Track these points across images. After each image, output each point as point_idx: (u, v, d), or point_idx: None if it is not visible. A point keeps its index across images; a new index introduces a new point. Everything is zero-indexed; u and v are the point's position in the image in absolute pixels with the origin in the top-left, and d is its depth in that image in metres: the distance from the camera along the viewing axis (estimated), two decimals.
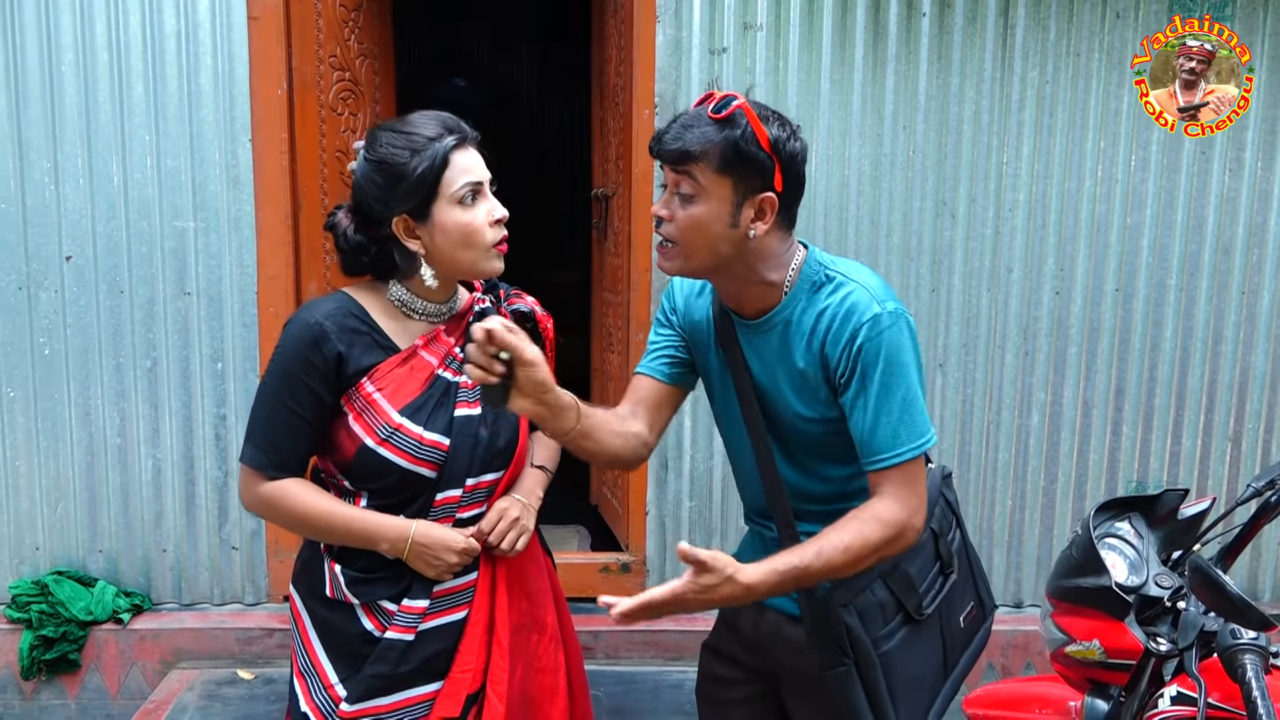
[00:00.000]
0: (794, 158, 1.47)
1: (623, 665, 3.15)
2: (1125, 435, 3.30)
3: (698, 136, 1.44)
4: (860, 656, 1.55)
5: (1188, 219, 3.22)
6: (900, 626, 1.58)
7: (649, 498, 3.26)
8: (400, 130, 1.57)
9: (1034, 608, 3.32)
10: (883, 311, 1.46)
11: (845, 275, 1.52)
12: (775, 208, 1.47)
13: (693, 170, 1.45)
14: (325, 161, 3.18)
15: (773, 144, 1.44)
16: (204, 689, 3.00)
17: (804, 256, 1.55)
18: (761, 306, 1.55)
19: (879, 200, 3.14)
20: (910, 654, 1.59)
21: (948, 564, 1.66)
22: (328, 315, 1.58)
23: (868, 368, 1.45)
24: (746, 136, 1.43)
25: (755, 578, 1.38)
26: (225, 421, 3.11)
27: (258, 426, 1.60)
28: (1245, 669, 1.38)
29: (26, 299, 3.02)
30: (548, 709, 1.76)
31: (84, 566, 3.15)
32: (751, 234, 1.47)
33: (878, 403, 1.45)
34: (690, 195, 1.46)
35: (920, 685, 1.62)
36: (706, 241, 1.47)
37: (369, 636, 1.63)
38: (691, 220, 1.46)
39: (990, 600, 1.79)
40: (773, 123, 1.45)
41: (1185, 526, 1.71)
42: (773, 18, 3.06)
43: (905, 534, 1.46)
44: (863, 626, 1.54)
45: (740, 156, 1.43)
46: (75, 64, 2.95)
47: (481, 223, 1.58)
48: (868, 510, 1.46)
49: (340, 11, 3.20)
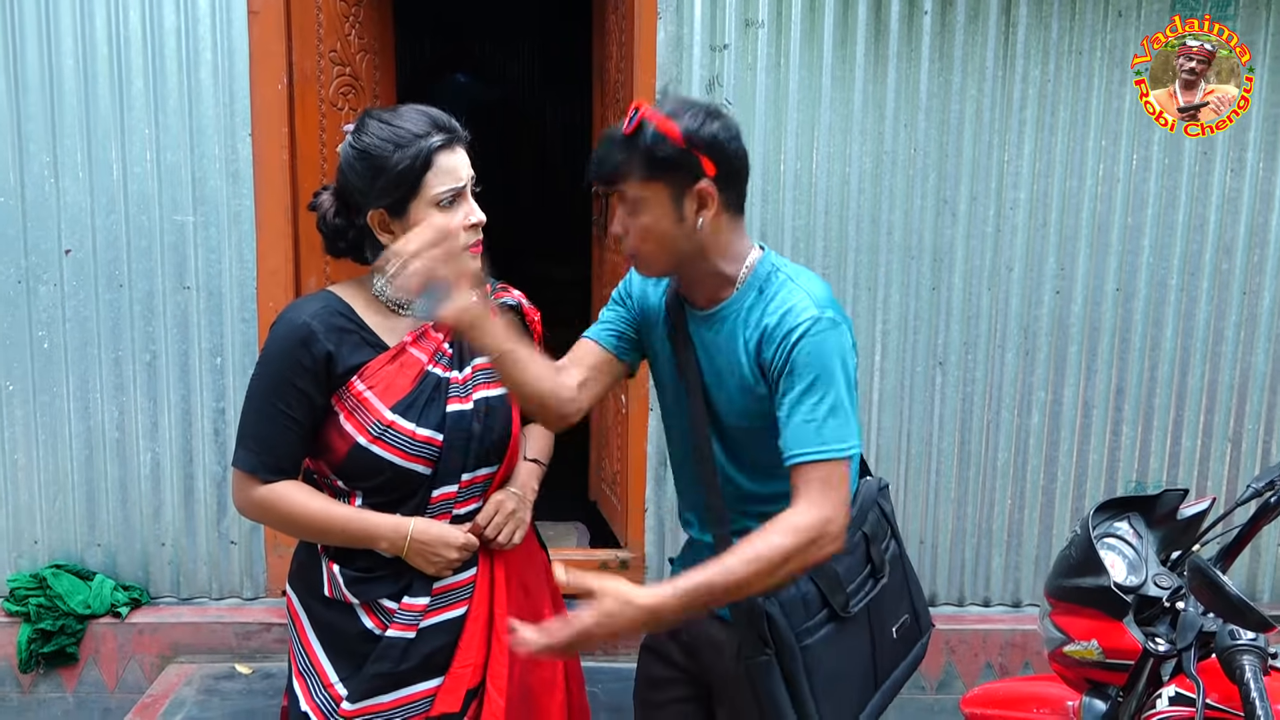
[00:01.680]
0: (714, 140, 1.48)
1: (621, 662, 3.14)
2: (1125, 435, 3.30)
3: (613, 158, 1.49)
4: (781, 647, 1.52)
5: (1189, 219, 3.21)
6: (825, 622, 1.56)
7: (648, 495, 3.26)
8: (388, 122, 1.56)
9: (1032, 607, 3.32)
10: (821, 316, 1.47)
11: (792, 279, 1.54)
12: (715, 195, 1.49)
13: (623, 188, 1.50)
14: (325, 156, 3.17)
15: (685, 136, 1.45)
16: (202, 683, 3.00)
17: (758, 256, 1.58)
18: (714, 298, 1.57)
19: (880, 198, 3.13)
20: (834, 651, 1.57)
21: (879, 568, 1.64)
22: (315, 315, 1.57)
23: (797, 367, 1.46)
24: (656, 141, 1.45)
25: (656, 600, 1.35)
26: (224, 416, 3.10)
27: (249, 430, 1.59)
28: (1244, 670, 1.38)
29: (26, 292, 3.02)
30: (546, 702, 1.76)
31: (82, 560, 3.15)
32: (700, 223, 1.50)
33: (800, 400, 1.45)
34: (632, 209, 1.51)
35: (845, 685, 1.60)
36: (662, 244, 1.51)
37: (369, 635, 1.62)
38: (642, 230, 1.51)
39: (927, 619, 1.77)
40: (683, 116, 1.47)
41: (1184, 527, 1.71)
42: (774, 14, 3.05)
43: (821, 539, 1.40)
44: (785, 618, 1.52)
45: (657, 161, 1.46)
46: (75, 58, 2.95)
47: (457, 226, 1.56)
48: (780, 519, 1.42)
49: (341, 6, 3.19)
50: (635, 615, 1.34)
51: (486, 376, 1.67)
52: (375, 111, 1.60)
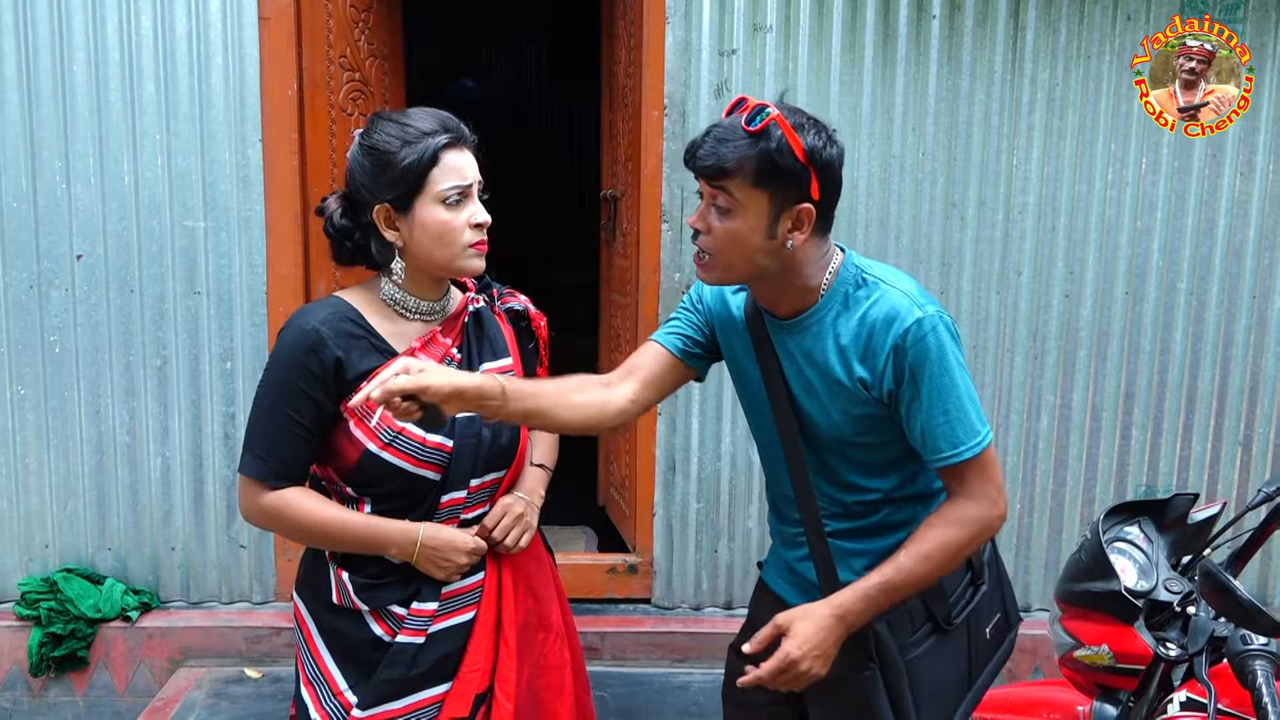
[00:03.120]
0: (830, 165, 1.46)
1: (629, 667, 3.15)
2: (1134, 439, 3.29)
3: (732, 151, 1.43)
4: (886, 663, 1.55)
5: (1198, 222, 3.20)
6: (928, 635, 1.58)
7: (656, 499, 3.26)
8: (397, 121, 1.57)
9: (1042, 612, 3.30)
10: (924, 315, 1.46)
11: (881, 279, 1.52)
12: (813, 218, 1.46)
13: (728, 185, 1.44)
14: (335, 161, 3.19)
15: (808, 154, 1.42)
16: (211, 687, 3.01)
17: (841, 260, 1.55)
18: (797, 308, 1.55)
19: (888, 202, 3.13)
20: (936, 663, 1.59)
21: (978, 575, 1.66)
22: (324, 321, 1.57)
23: (917, 372, 1.46)
24: (781, 149, 1.41)
25: (838, 606, 1.45)
26: (234, 420, 3.11)
27: (257, 436, 1.58)
28: (1255, 675, 1.37)
29: (37, 297, 3.04)
30: (554, 707, 1.76)
31: (93, 564, 3.16)
32: (789, 244, 1.47)
33: (931, 404, 1.46)
34: (726, 209, 1.46)
35: (944, 695, 1.62)
36: (744, 254, 1.47)
37: (379, 642, 1.62)
38: (728, 234, 1.46)
39: (1015, 612, 1.79)
40: (808, 131, 1.44)
41: (1195, 531, 1.71)
42: (782, 19, 3.06)
43: (987, 528, 1.49)
44: (891, 634, 1.54)
45: (775, 170, 1.42)
46: (87, 64, 2.97)
47: (461, 224, 1.57)
48: (943, 514, 1.48)
49: (351, 12, 3.20)
50: (825, 623, 1.44)
51: None
52: (384, 113, 1.61)
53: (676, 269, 3.15)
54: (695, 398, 3.19)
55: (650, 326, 3.17)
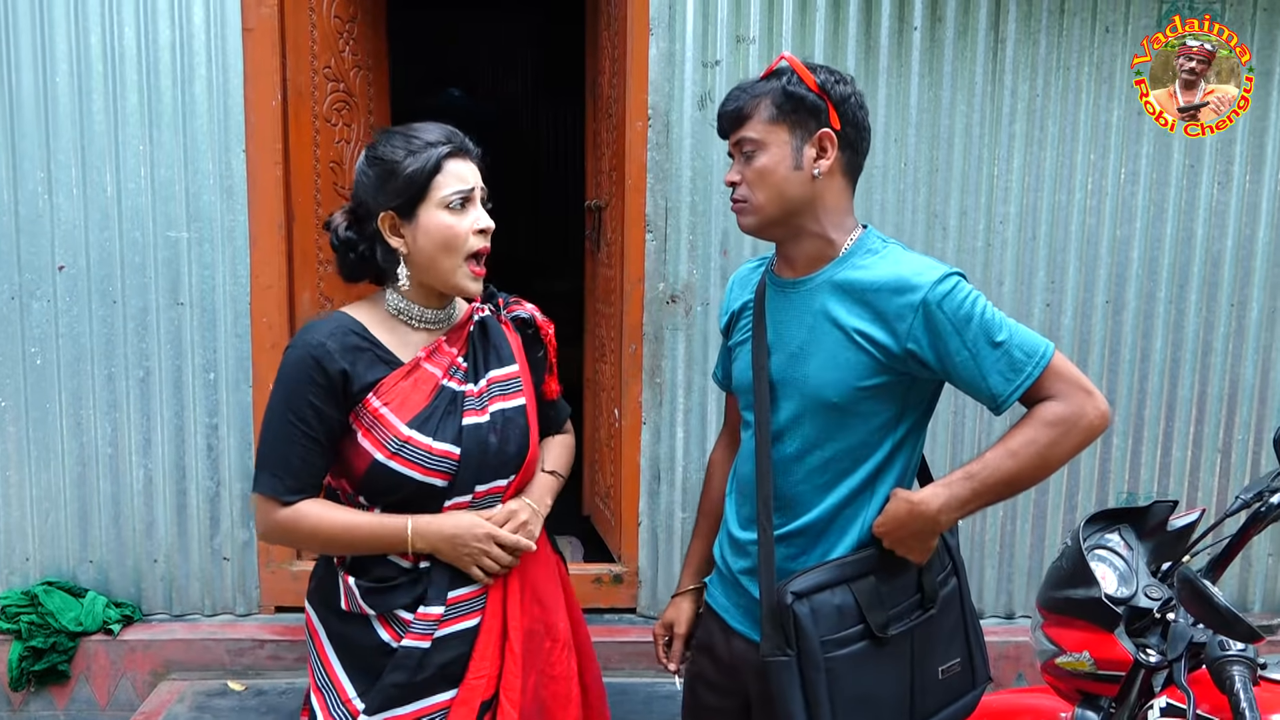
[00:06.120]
0: (846, 99, 1.54)
1: (615, 676, 3.14)
2: (1115, 446, 3.32)
3: (747, 95, 1.55)
4: (803, 651, 1.50)
5: (1177, 231, 3.24)
6: (858, 639, 1.52)
7: (641, 509, 3.26)
8: (403, 133, 1.62)
9: (1025, 619, 3.32)
10: (945, 272, 1.50)
11: (899, 246, 1.59)
12: (835, 144, 1.54)
13: (748, 127, 1.54)
14: (319, 172, 3.18)
15: (820, 85, 1.52)
16: (194, 700, 2.99)
17: (862, 232, 1.61)
18: (813, 263, 1.59)
19: (870, 212, 3.15)
20: (862, 672, 1.52)
21: (929, 598, 1.60)
22: (329, 334, 1.59)
23: (960, 325, 1.47)
24: (793, 82, 1.52)
25: (928, 493, 1.49)
26: (217, 432, 3.10)
27: (269, 454, 1.59)
28: (1233, 680, 1.39)
29: (19, 308, 3.02)
30: (561, 716, 1.75)
31: (74, 577, 3.14)
32: (816, 173, 1.54)
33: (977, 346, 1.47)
34: (751, 151, 1.55)
35: (869, 710, 1.54)
36: (775, 187, 1.54)
37: (385, 648, 1.63)
38: (757, 171, 1.55)
39: (985, 671, 1.71)
40: (819, 70, 1.54)
41: (1175, 538, 1.72)
42: (765, 30, 3.08)
43: (1080, 427, 1.46)
44: (814, 623, 1.50)
45: (789, 100, 1.52)
46: (69, 74, 2.96)
47: (465, 229, 1.59)
48: (1030, 416, 1.48)
49: (335, 23, 3.21)
50: (900, 510, 1.50)
51: (502, 389, 1.68)
52: (391, 128, 1.65)
53: (660, 279, 3.16)
54: (680, 406, 3.20)
55: (634, 336, 3.18)
